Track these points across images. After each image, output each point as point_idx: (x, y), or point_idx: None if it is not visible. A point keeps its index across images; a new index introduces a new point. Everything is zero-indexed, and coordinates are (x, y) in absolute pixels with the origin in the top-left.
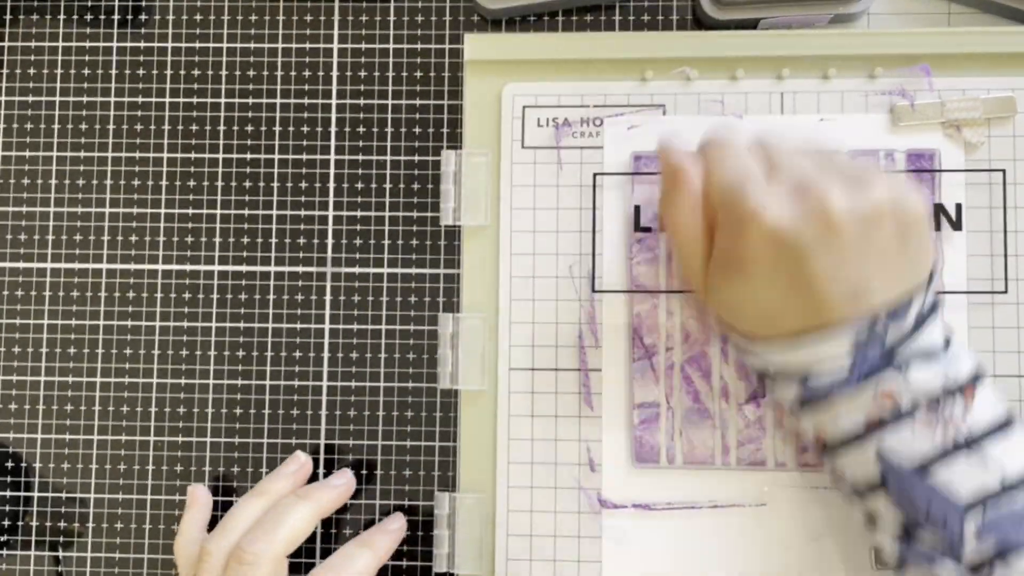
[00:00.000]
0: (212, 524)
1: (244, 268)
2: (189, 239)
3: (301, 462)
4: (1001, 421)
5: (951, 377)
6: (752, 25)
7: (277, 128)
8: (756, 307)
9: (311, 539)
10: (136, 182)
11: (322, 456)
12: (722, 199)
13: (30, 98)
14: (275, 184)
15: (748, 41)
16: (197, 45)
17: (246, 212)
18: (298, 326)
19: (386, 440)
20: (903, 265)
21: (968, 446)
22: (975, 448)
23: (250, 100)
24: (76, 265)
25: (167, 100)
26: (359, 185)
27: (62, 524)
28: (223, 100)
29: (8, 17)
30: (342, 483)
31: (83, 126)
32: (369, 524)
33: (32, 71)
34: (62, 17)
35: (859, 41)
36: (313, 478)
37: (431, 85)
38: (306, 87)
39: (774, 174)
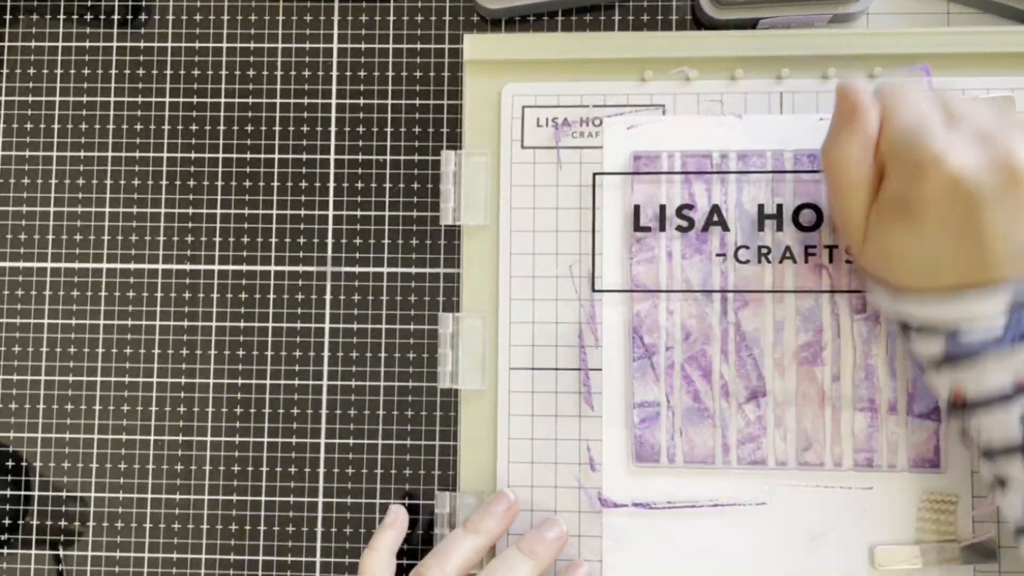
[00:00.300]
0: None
1: (244, 268)
2: (189, 239)
3: (510, 501)
4: None
5: None
6: (751, 25)
7: (277, 128)
8: (918, 256)
9: (322, 538)
10: (136, 182)
11: (322, 456)
12: (902, 141)
13: (30, 98)
14: (275, 184)
15: (747, 41)
16: (197, 45)
17: (246, 212)
18: (298, 326)
19: (386, 440)
20: None
21: None
22: None
23: (250, 100)
24: (76, 265)
25: (167, 100)
26: (359, 185)
27: (62, 523)
28: (223, 100)
29: (8, 17)
30: (556, 535)
31: (83, 126)
32: (369, 524)
33: (32, 71)
34: (62, 17)
35: (858, 41)
36: (313, 477)
37: (431, 85)
38: (306, 87)
39: (955, 123)
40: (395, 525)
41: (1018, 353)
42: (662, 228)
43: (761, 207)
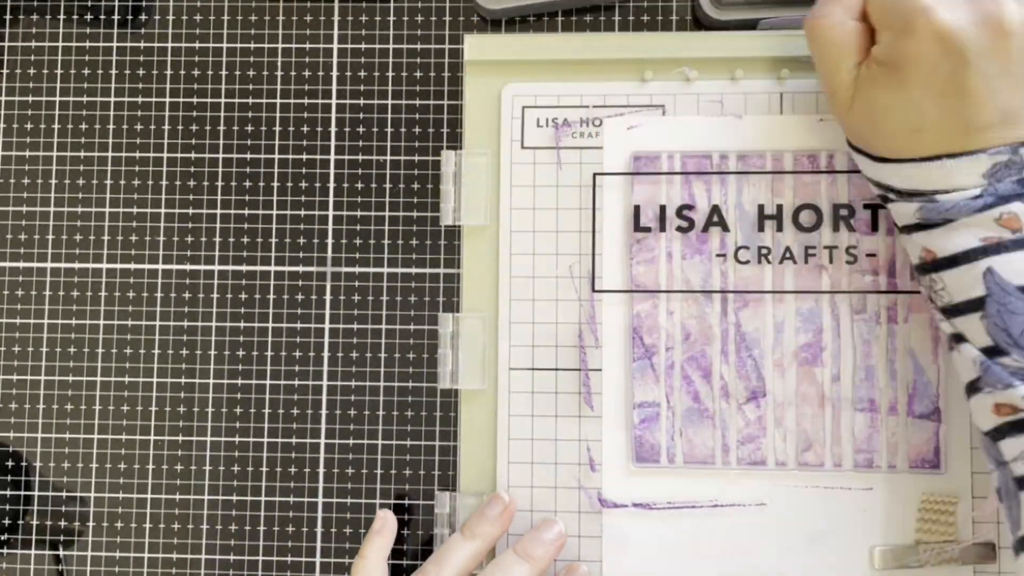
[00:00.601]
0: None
1: (244, 268)
2: (189, 239)
3: (505, 503)
4: None
5: None
6: (751, 25)
7: (277, 128)
8: (903, 118)
9: (322, 538)
10: (136, 182)
11: (322, 456)
12: None
13: (30, 98)
14: (275, 184)
15: (747, 42)
16: (197, 45)
17: (246, 212)
18: (298, 326)
19: (386, 440)
20: None
21: None
22: None
23: (250, 100)
24: (76, 265)
25: (167, 100)
26: (359, 185)
27: (62, 523)
28: (223, 100)
29: (8, 17)
30: (554, 536)
31: (83, 126)
32: (369, 524)
33: (32, 71)
34: (62, 17)
35: None
36: (313, 477)
37: (431, 85)
38: (306, 87)
39: None
40: (383, 531)
41: (990, 215)
42: (662, 228)
43: (761, 207)
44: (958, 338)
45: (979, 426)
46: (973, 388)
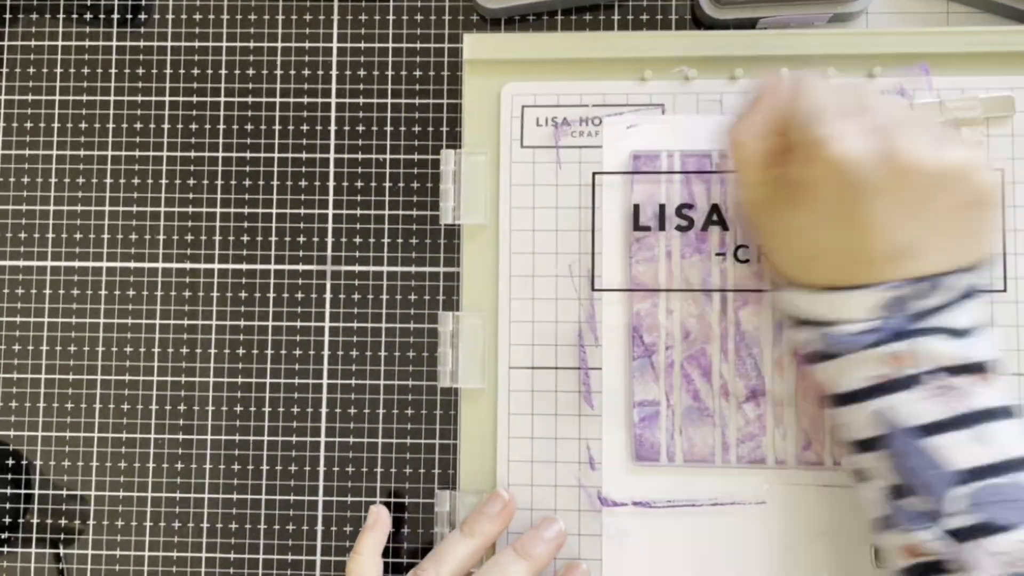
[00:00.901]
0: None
1: (244, 267)
2: (189, 238)
3: (504, 501)
4: (1009, 410)
5: (968, 357)
6: (751, 24)
7: (277, 127)
8: (803, 243)
9: (322, 537)
10: (136, 181)
11: (322, 455)
12: (800, 123)
13: (30, 98)
14: (275, 183)
15: (747, 41)
16: (197, 45)
17: (246, 211)
18: (298, 325)
19: (386, 438)
20: (959, 237)
21: (970, 422)
22: (976, 425)
23: (250, 100)
24: (76, 264)
25: (167, 100)
26: (359, 184)
27: (63, 522)
28: (223, 100)
29: (8, 17)
30: (553, 535)
31: (83, 126)
32: None
33: (32, 71)
34: (62, 17)
35: (858, 40)
36: (313, 477)
37: (431, 85)
38: (306, 87)
39: (859, 113)
40: (377, 527)
41: (882, 352)
42: (662, 227)
43: None
44: (861, 474)
45: (891, 565)
46: (879, 526)
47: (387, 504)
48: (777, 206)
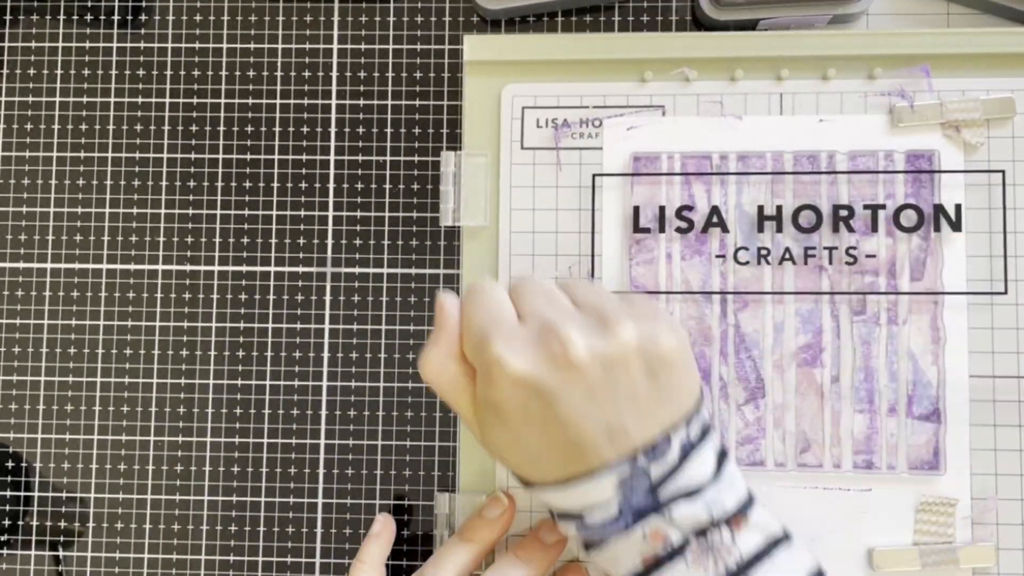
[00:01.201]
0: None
1: (244, 268)
2: (189, 239)
3: (504, 506)
4: (777, 540)
5: (717, 509)
6: (751, 26)
7: (277, 128)
8: (519, 451)
9: (322, 539)
10: (136, 182)
11: (322, 456)
12: (472, 344)
13: (30, 98)
14: (275, 184)
15: (747, 42)
16: (197, 45)
17: (246, 212)
18: (298, 326)
19: (386, 440)
20: (657, 403)
21: (739, 573)
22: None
23: (250, 100)
24: (76, 265)
25: (167, 100)
26: (359, 185)
27: (62, 524)
28: (223, 100)
29: (8, 17)
30: (554, 540)
31: (83, 126)
32: (369, 524)
33: (32, 71)
34: (62, 17)
35: (858, 41)
36: (313, 478)
37: (431, 85)
38: (306, 87)
39: (522, 318)
40: (382, 534)
41: (637, 532)
42: (662, 229)
43: (761, 208)
44: None
45: None
46: None
47: (387, 509)
48: (484, 422)
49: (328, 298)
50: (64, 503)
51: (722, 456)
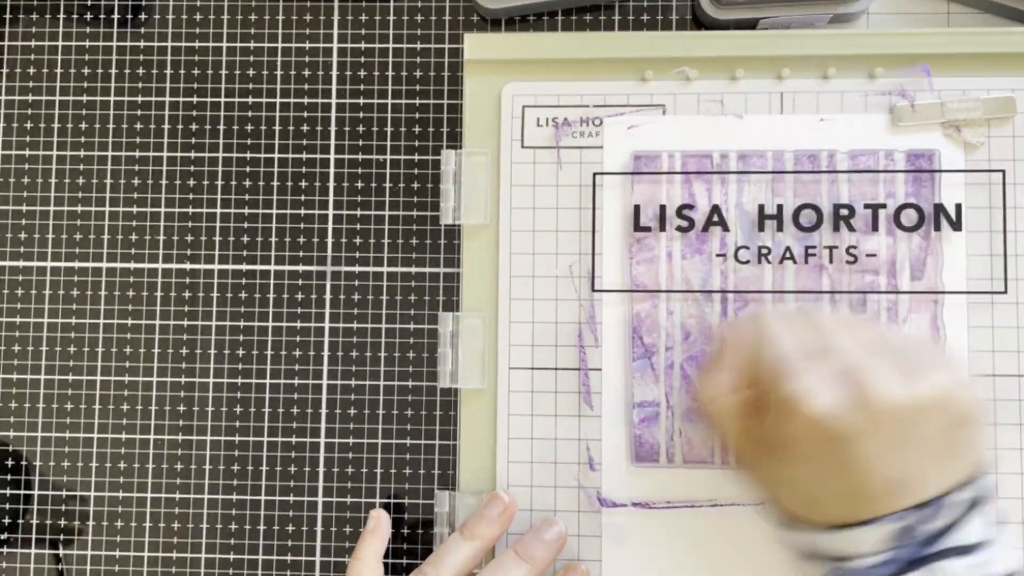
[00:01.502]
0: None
1: (244, 267)
2: (189, 239)
3: (505, 504)
4: None
5: (985, 571)
6: (752, 25)
7: (277, 128)
8: (795, 491)
9: (322, 537)
10: (136, 182)
11: (322, 455)
12: (767, 378)
13: (30, 98)
14: (275, 184)
15: (748, 41)
16: (197, 45)
17: (246, 211)
18: (298, 325)
19: (386, 439)
20: (950, 459)
21: None
22: None
23: (250, 100)
24: (76, 265)
25: (167, 100)
26: (359, 185)
27: (62, 522)
28: (223, 100)
29: (8, 17)
30: (554, 536)
31: (83, 126)
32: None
33: (32, 71)
34: (62, 17)
35: (859, 41)
36: (313, 477)
37: (431, 85)
38: (306, 87)
39: (822, 354)
40: (377, 531)
41: None
42: (662, 228)
43: (761, 207)
44: None
45: None
46: None
47: (387, 507)
48: (764, 459)
49: (328, 297)
50: (64, 502)
51: (991, 532)
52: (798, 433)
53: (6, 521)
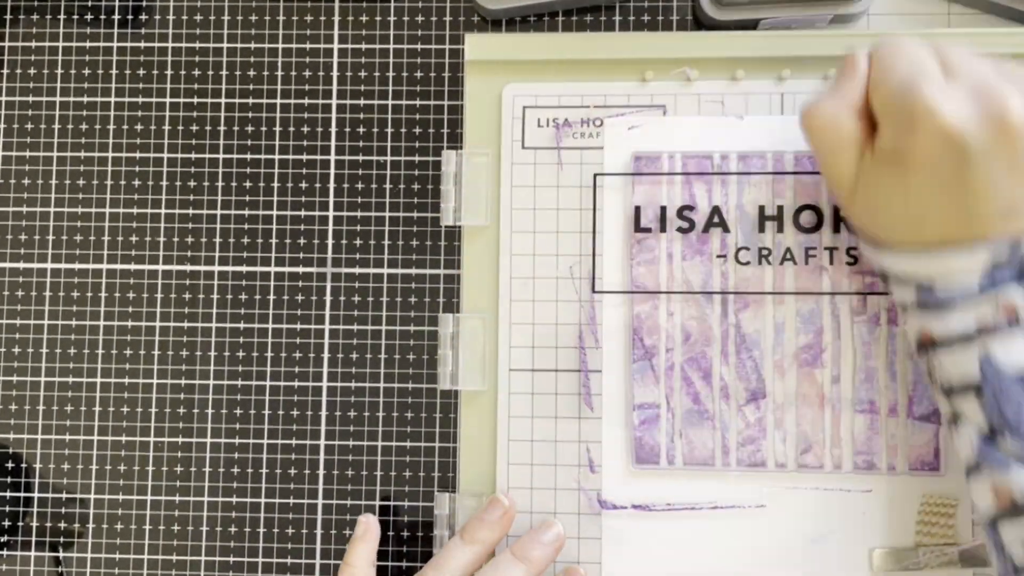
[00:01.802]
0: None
1: (244, 268)
2: (189, 239)
3: (505, 507)
4: None
5: None
6: (752, 25)
7: (277, 128)
8: (906, 209)
9: (321, 540)
10: (136, 182)
11: (322, 457)
12: (895, 92)
13: (30, 98)
14: (275, 184)
15: (748, 42)
16: (197, 45)
17: (246, 212)
18: (298, 326)
19: (386, 440)
20: None
21: None
22: None
23: (250, 100)
24: (76, 265)
25: (167, 100)
26: (359, 185)
27: (62, 524)
28: (223, 100)
29: (8, 17)
30: (552, 538)
31: (83, 126)
32: None
33: (32, 71)
34: (62, 17)
35: (860, 42)
36: (313, 479)
37: (431, 85)
38: (306, 87)
39: (952, 75)
40: (366, 537)
41: (987, 301)
42: (663, 229)
43: (762, 208)
44: (956, 417)
45: (979, 509)
46: (972, 469)
47: (385, 509)
48: (875, 177)
49: (328, 298)
50: (64, 504)
51: None
52: (923, 146)
53: (6, 523)
